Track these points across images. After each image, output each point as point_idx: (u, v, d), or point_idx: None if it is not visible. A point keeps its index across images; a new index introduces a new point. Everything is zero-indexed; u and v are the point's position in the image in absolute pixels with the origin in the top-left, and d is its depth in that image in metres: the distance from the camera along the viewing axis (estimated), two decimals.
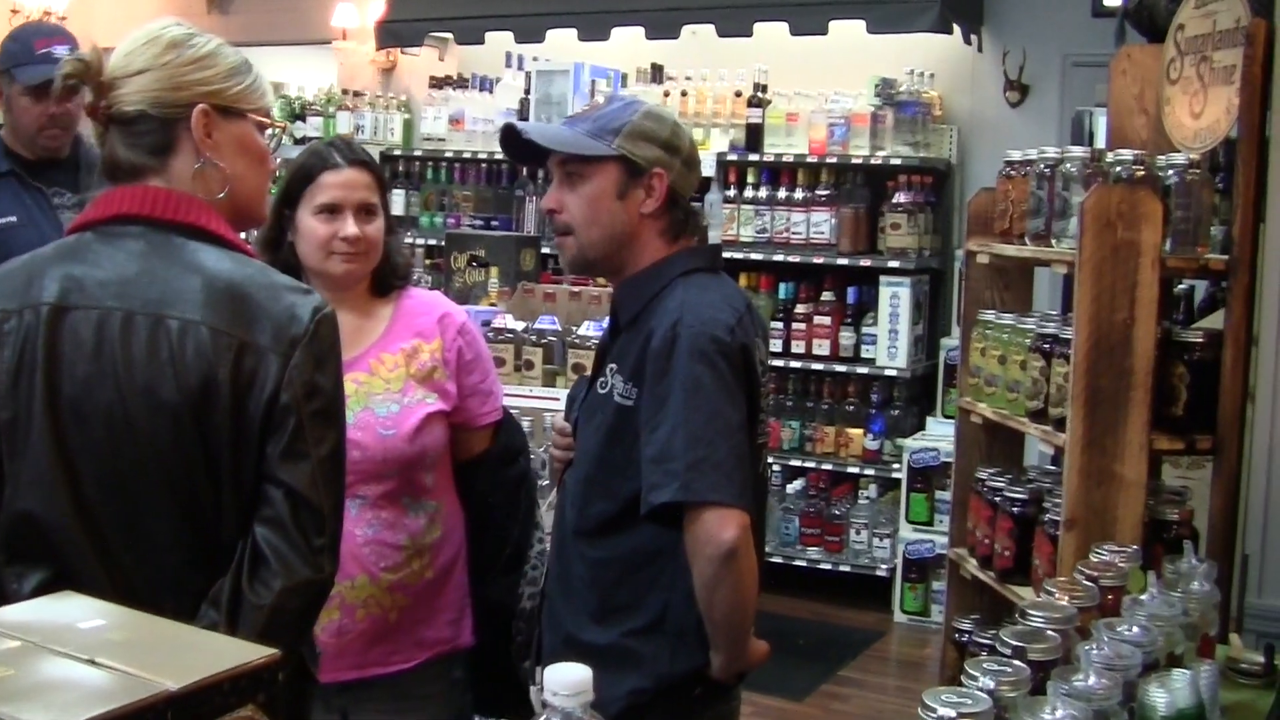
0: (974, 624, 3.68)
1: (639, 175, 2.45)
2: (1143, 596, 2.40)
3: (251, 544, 1.84)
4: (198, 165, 1.94)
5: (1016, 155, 3.69)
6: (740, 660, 2.47)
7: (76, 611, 1.35)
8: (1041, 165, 3.48)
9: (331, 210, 2.67)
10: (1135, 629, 2.11)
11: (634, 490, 2.37)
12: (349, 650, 2.65)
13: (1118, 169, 3.31)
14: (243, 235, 2.08)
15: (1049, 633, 2.12)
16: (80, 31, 8.90)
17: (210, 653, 1.28)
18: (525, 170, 7.26)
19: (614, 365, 2.48)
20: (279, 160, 2.82)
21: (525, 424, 4.05)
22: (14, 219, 3.71)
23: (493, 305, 5.14)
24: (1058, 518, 3.31)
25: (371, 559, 2.66)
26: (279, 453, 1.84)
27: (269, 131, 2.06)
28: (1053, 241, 3.43)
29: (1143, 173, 3.30)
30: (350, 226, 2.66)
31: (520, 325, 4.74)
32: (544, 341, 4.63)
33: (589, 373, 2.66)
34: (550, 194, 2.52)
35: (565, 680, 1.21)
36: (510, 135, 2.57)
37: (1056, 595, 2.45)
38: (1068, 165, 3.41)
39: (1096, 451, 3.23)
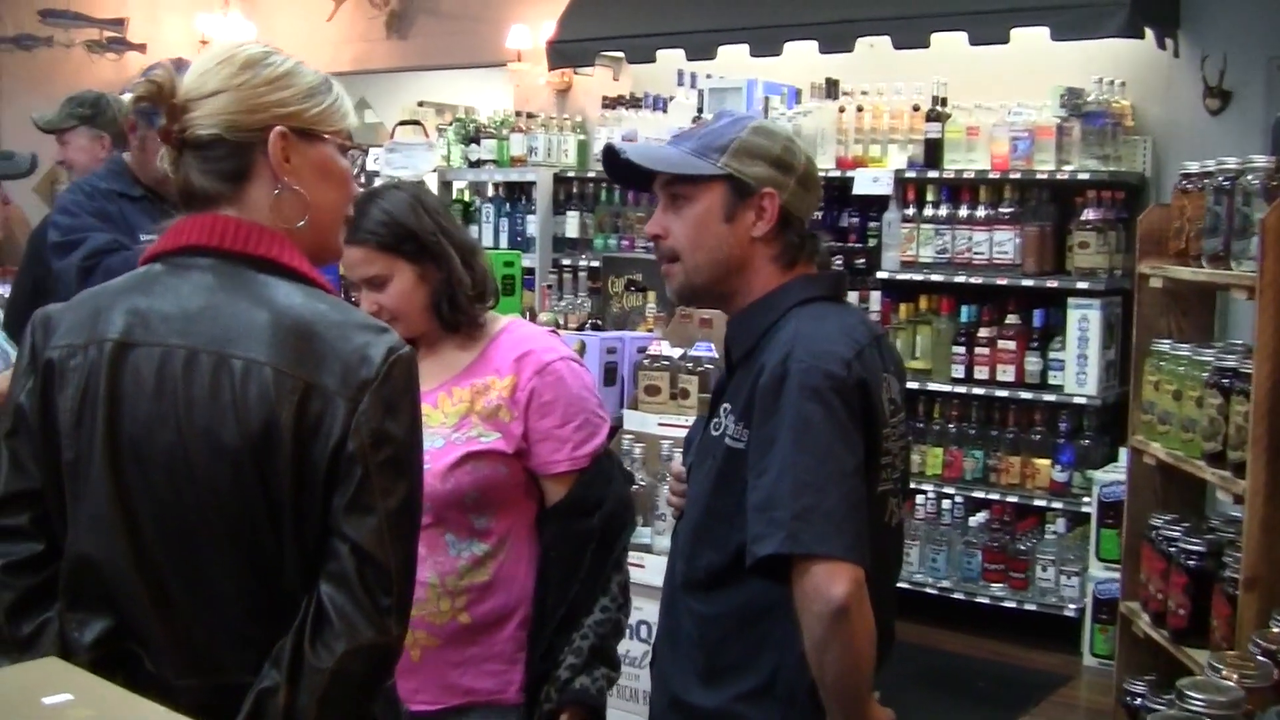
0: (1148, 686, 3.36)
1: (748, 196, 2.29)
2: None
3: (315, 601, 1.74)
4: (275, 192, 1.84)
5: (1194, 167, 3.37)
6: None
7: (48, 683, 1.31)
8: (1220, 178, 3.16)
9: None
10: None
11: (744, 540, 2.19)
12: None
13: None
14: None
15: None
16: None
17: None
18: None
19: (727, 405, 2.32)
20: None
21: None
22: (155, 238, 3.77)
23: (649, 331, 5.01)
24: (1238, 575, 2.99)
25: None
26: (344, 505, 1.73)
27: (352, 154, 1.95)
28: (1232, 263, 3.11)
29: None
30: (364, 304, 2.63)
31: (676, 352, 4.61)
32: (700, 369, 4.49)
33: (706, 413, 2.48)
34: (655, 218, 2.37)
35: None
36: (612, 157, 2.42)
37: (1223, 673, 2.19)
38: (1249, 177, 3.08)
39: None
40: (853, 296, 5.36)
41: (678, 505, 2.50)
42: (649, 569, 4.03)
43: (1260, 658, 2.24)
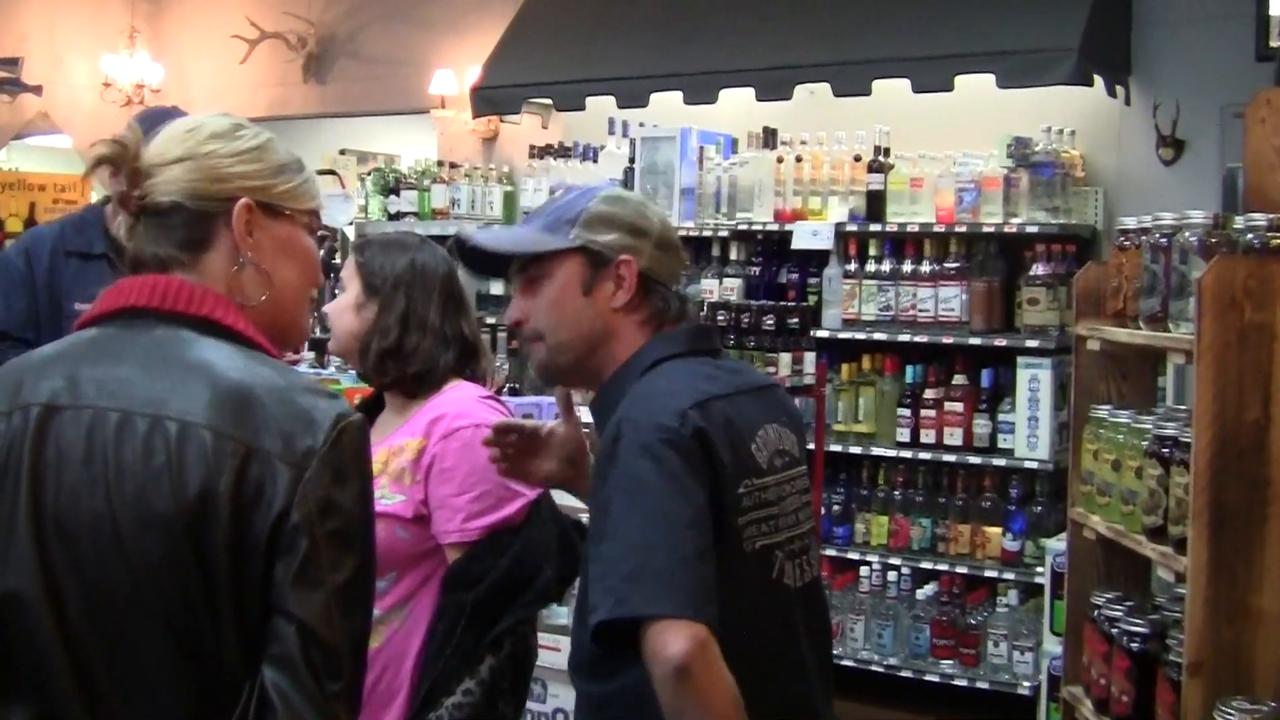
0: None
1: (604, 265, 2.25)
2: None
3: (259, 688, 1.65)
4: (237, 265, 1.80)
5: (1131, 223, 3.13)
6: None
7: None
8: (1157, 235, 2.91)
9: None
10: None
11: None
12: None
13: (1248, 236, 2.78)
14: None
15: None
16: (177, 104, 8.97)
17: None
18: None
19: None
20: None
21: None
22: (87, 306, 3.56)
23: None
24: (1181, 660, 2.73)
25: None
26: (290, 579, 1.65)
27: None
28: (1170, 325, 2.86)
29: (1279, 240, 2.74)
30: None
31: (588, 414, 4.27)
32: None
33: None
34: (513, 304, 2.32)
35: None
36: (463, 248, 2.35)
37: None
38: (1186, 234, 2.84)
39: (1226, 580, 2.71)
40: (785, 358, 5.05)
41: None
42: (565, 652, 3.76)
43: None
